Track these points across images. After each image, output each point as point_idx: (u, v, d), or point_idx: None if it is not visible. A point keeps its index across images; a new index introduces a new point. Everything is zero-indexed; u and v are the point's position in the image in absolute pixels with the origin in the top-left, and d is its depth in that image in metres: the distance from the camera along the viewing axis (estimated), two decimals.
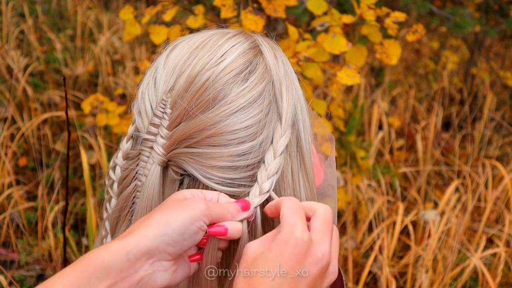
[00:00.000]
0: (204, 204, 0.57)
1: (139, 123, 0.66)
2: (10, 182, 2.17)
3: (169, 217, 0.55)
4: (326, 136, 0.86)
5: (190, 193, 0.60)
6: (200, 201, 0.57)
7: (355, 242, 2.14)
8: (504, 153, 3.11)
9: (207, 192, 0.61)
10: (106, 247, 0.52)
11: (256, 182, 0.63)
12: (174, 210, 0.55)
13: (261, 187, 0.63)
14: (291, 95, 0.66)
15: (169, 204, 0.57)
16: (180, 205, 0.56)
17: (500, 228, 2.27)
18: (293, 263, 0.55)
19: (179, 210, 0.55)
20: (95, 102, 1.73)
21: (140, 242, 0.53)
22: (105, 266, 0.51)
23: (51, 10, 3.98)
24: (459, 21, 2.88)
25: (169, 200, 0.59)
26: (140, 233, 0.53)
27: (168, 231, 0.54)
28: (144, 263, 0.53)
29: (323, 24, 1.37)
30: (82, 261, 0.52)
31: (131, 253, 0.52)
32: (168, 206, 0.56)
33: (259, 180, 0.63)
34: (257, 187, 0.63)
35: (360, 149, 2.21)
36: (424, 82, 3.89)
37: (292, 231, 0.55)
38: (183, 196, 0.59)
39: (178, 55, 0.66)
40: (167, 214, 0.55)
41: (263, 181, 0.63)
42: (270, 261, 0.54)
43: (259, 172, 0.63)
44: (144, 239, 0.53)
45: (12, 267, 1.93)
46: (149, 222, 0.54)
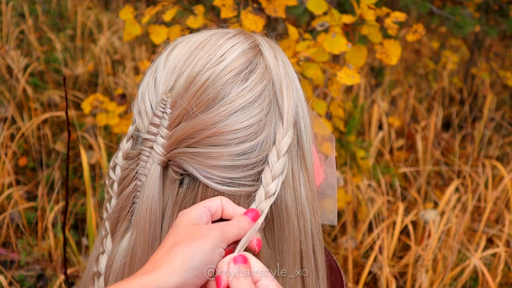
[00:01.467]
0: (219, 231, 0.58)
1: (139, 123, 0.66)
2: (10, 182, 2.17)
3: (192, 249, 0.55)
4: (326, 136, 0.86)
5: (198, 214, 0.60)
6: (214, 229, 0.57)
7: (355, 242, 2.14)
8: (504, 153, 3.11)
9: (210, 204, 0.61)
10: (132, 282, 0.52)
11: (261, 184, 0.63)
12: (194, 240, 0.56)
13: (267, 190, 0.62)
14: (291, 95, 0.66)
15: (187, 233, 0.57)
16: (197, 234, 0.56)
17: (500, 228, 2.27)
18: None
19: (199, 241, 0.56)
20: (95, 102, 1.73)
21: (169, 277, 0.53)
22: None
23: (51, 10, 3.98)
24: (459, 21, 2.88)
25: (182, 225, 0.58)
26: (168, 268, 0.53)
27: (194, 265, 0.54)
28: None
29: (323, 24, 1.37)
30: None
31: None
32: (187, 237, 0.56)
33: (264, 182, 0.63)
34: (263, 190, 0.63)
35: (360, 149, 2.21)
36: (424, 82, 3.90)
37: None
38: (194, 220, 0.59)
39: (178, 55, 0.66)
40: (189, 246, 0.55)
41: (268, 183, 0.63)
42: None
43: (263, 174, 0.63)
44: (173, 274, 0.53)
45: (12, 267, 1.93)
46: (174, 256, 0.55)
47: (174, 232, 0.58)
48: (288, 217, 0.65)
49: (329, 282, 0.80)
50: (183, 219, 0.59)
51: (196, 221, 0.59)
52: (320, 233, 0.71)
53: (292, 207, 0.65)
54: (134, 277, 0.53)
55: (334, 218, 0.85)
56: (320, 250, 0.71)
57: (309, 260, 0.69)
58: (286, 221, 0.65)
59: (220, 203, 0.62)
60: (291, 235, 0.66)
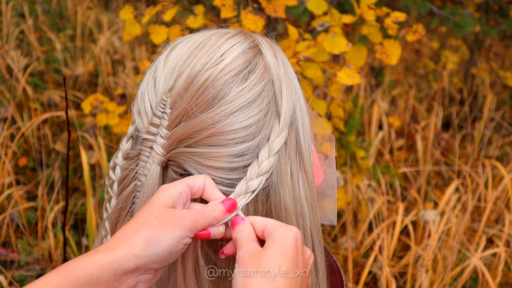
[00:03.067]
0: (191, 221, 0.57)
1: (139, 123, 0.66)
2: (10, 182, 2.17)
3: (158, 236, 0.55)
4: (326, 136, 0.86)
5: (178, 193, 0.60)
6: (187, 218, 0.57)
7: (355, 242, 2.14)
8: (504, 153, 3.11)
9: (193, 183, 0.61)
10: (92, 259, 0.53)
11: (245, 177, 0.63)
12: (163, 227, 0.56)
13: (248, 184, 0.62)
14: (290, 95, 0.66)
15: (158, 217, 0.57)
16: (168, 221, 0.56)
17: (500, 228, 2.27)
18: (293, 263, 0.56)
19: (168, 229, 0.56)
20: (95, 102, 1.73)
21: (129, 260, 0.53)
22: (92, 280, 0.52)
23: (51, 10, 3.98)
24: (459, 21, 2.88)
25: (156, 205, 0.58)
26: (129, 250, 0.54)
27: (157, 252, 0.55)
28: (129, 277, 0.54)
29: (323, 24, 1.37)
30: (68, 271, 0.52)
31: (119, 269, 0.53)
32: (157, 221, 0.56)
33: (248, 176, 0.63)
34: (244, 183, 0.63)
35: (360, 149, 2.21)
36: (424, 82, 3.89)
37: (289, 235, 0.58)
38: (171, 200, 0.59)
39: (177, 55, 0.66)
40: (156, 232, 0.55)
41: (252, 177, 0.63)
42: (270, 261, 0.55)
43: (250, 167, 0.63)
44: (133, 257, 0.54)
45: (12, 267, 1.93)
46: (138, 238, 0.55)
47: (146, 210, 0.58)
48: (287, 217, 0.65)
49: (329, 282, 0.80)
50: (160, 198, 0.59)
51: (173, 201, 0.59)
52: (319, 233, 0.71)
53: (291, 207, 0.65)
54: (96, 253, 0.54)
55: (334, 218, 0.85)
56: (319, 250, 0.71)
57: None
58: (285, 221, 0.65)
59: (203, 183, 0.61)
60: None
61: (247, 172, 0.63)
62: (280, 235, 0.58)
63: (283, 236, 0.58)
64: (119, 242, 0.55)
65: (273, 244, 0.57)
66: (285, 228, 0.59)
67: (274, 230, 0.59)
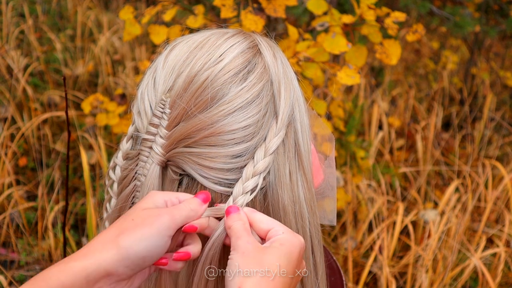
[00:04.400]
0: (169, 216, 0.56)
1: (138, 123, 0.67)
2: (10, 182, 2.17)
3: (131, 240, 0.54)
4: (326, 136, 0.86)
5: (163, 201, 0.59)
6: (163, 215, 0.56)
7: (355, 242, 2.14)
8: (504, 153, 3.11)
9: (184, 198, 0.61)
10: (64, 266, 0.52)
11: (241, 178, 0.63)
12: (139, 229, 0.54)
13: (245, 185, 0.62)
14: (288, 95, 0.66)
15: (134, 219, 0.56)
16: (144, 222, 0.55)
17: (500, 228, 2.27)
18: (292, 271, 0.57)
19: (144, 229, 0.54)
20: (95, 102, 1.73)
21: (100, 265, 0.52)
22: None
23: (51, 10, 3.98)
24: (459, 21, 2.88)
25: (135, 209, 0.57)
26: (101, 255, 0.53)
27: (130, 256, 0.53)
28: (102, 284, 0.53)
29: (323, 24, 1.37)
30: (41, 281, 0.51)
31: (90, 276, 0.52)
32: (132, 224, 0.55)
33: (244, 176, 0.63)
34: (241, 184, 0.63)
35: (360, 149, 2.21)
36: (424, 82, 3.89)
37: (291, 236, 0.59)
38: (152, 204, 0.58)
39: (177, 55, 0.66)
40: (130, 236, 0.54)
41: (248, 177, 0.62)
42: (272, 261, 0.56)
43: (245, 168, 0.63)
44: (104, 263, 0.52)
45: (12, 267, 1.93)
46: (110, 244, 0.53)
47: (124, 217, 0.57)
48: (285, 217, 0.65)
49: (328, 282, 0.80)
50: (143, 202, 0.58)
51: (154, 205, 0.58)
52: (318, 233, 0.71)
53: (289, 207, 0.65)
54: (69, 260, 0.53)
55: (333, 218, 0.85)
56: (319, 250, 0.71)
57: (308, 260, 0.69)
58: (283, 221, 0.65)
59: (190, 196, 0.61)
60: None
61: (243, 173, 0.63)
62: (289, 240, 0.58)
63: (292, 243, 0.58)
64: (92, 249, 0.54)
65: (281, 247, 0.57)
66: (294, 235, 0.59)
67: (284, 234, 0.59)
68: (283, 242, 0.58)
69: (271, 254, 0.56)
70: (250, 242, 0.57)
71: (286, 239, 0.58)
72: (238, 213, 0.61)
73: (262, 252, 0.57)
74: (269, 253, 0.57)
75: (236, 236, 0.58)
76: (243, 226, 0.59)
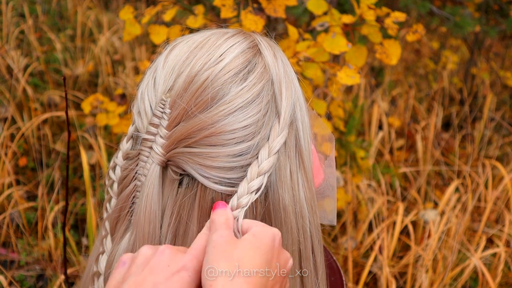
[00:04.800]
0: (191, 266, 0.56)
1: (138, 123, 0.67)
2: (10, 182, 2.17)
3: None
4: (326, 136, 0.86)
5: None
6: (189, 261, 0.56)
7: (355, 242, 2.14)
8: (504, 153, 3.11)
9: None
10: None
11: (246, 178, 0.63)
12: None
13: (249, 185, 0.62)
14: (290, 94, 0.66)
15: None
16: None
17: (500, 228, 2.27)
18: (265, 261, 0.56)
19: None
20: (95, 102, 1.73)
21: None
22: None
23: (51, 10, 3.98)
24: (459, 21, 2.88)
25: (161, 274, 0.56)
26: None
27: None
28: None
29: (323, 24, 1.37)
30: None
31: None
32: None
33: (249, 176, 0.63)
34: (246, 184, 0.62)
35: (360, 149, 2.21)
36: (424, 82, 3.89)
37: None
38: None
39: (177, 55, 0.66)
40: None
41: (253, 177, 0.62)
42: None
43: (250, 168, 0.63)
44: None
45: (12, 267, 1.93)
46: None
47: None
48: (286, 216, 0.65)
49: (328, 282, 0.80)
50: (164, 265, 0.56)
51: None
52: (319, 233, 0.71)
53: (290, 206, 0.65)
54: None
55: (333, 218, 0.85)
56: (319, 250, 0.71)
57: (308, 260, 0.69)
58: (284, 221, 0.65)
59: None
60: (290, 235, 0.67)
61: (247, 173, 0.63)
62: (258, 231, 0.58)
63: (261, 232, 0.58)
64: None
65: (253, 238, 0.57)
66: (266, 227, 0.59)
67: (256, 226, 0.59)
68: (255, 233, 0.58)
69: (242, 247, 0.56)
70: (223, 236, 0.56)
71: (258, 231, 0.58)
72: (224, 209, 0.61)
73: (234, 245, 0.56)
74: (241, 246, 0.56)
75: (213, 230, 0.58)
76: (225, 220, 0.59)
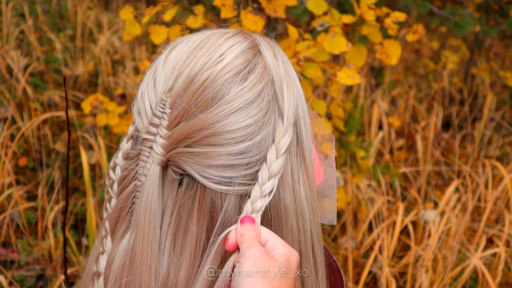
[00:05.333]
0: None
1: (138, 123, 0.67)
2: (10, 182, 2.17)
3: None
4: (326, 136, 0.86)
5: None
6: None
7: (355, 242, 2.14)
8: (504, 153, 3.11)
9: None
10: None
11: (257, 182, 0.63)
12: None
13: (262, 188, 0.62)
14: (292, 93, 0.66)
15: None
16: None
17: (500, 228, 2.27)
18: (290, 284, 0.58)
19: None
20: (95, 102, 1.73)
21: None
22: None
23: (51, 10, 3.98)
24: (459, 21, 2.88)
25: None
26: None
27: None
28: None
29: (323, 24, 1.37)
30: None
31: None
32: None
33: (260, 180, 0.63)
34: (258, 188, 0.63)
35: (360, 149, 2.21)
36: (424, 82, 3.89)
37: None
38: None
39: (177, 55, 0.66)
40: None
41: (265, 181, 0.63)
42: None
43: (260, 172, 0.63)
44: None
45: (12, 267, 1.93)
46: None
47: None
48: (287, 216, 0.65)
49: (328, 281, 0.80)
50: None
51: None
52: (319, 232, 0.71)
53: (291, 206, 0.65)
54: None
55: (333, 218, 0.85)
56: (319, 249, 0.71)
57: (308, 260, 0.69)
58: (284, 220, 0.65)
59: None
60: (290, 235, 0.67)
61: (258, 177, 0.63)
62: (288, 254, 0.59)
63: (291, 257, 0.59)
64: None
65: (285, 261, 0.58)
66: (292, 250, 0.60)
67: (283, 247, 0.60)
68: (286, 257, 0.59)
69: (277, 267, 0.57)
70: (262, 252, 0.58)
71: (287, 254, 0.59)
72: (253, 224, 0.61)
73: (272, 264, 0.57)
74: (275, 266, 0.57)
75: (248, 244, 0.58)
76: (255, 236, 0.60)
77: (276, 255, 0.59)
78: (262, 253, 0.57)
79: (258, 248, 0.58)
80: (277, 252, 0.59)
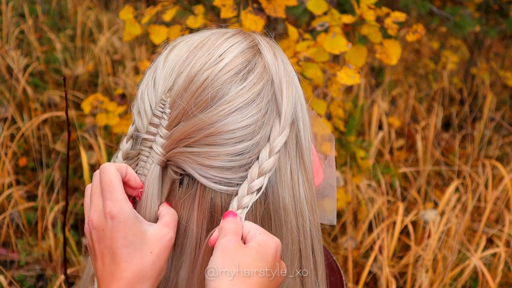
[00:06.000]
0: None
1: (138, 123, 0.67)
2: (10, 182, 2.17)
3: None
4: (326, 136, 0.86)
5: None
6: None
7: (355, 242, 2.14)
8: (504, 153, 3.11)
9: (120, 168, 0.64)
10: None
11: (246, 179, 0.63)
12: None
13: (250, 185, 0.62)
14: (291, 93, 0.66)
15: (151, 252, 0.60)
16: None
17: (500, 228, 2.27)
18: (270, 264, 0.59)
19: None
20: (95, 102, 1.73)
21: None
22: None
23: (51, 10, 3.98)
24: (459, 21, 2.88)
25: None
26: None
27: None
28: None
29: (323, 24, 1.37)
30: None
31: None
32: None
33: (249, 177, 0.63)
34: (246, 185, 0.63)
35: (360, 149, 2.21)
36: (424, 82, 3.89)
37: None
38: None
39: (177, 55, 0.66)
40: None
41: (253, 178, 0.63)
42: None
43: (250, 169, 0.63)
44: None
45: (12, 267, 1.93)
46: None
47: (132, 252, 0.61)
48: (286, 216, 0.65)
49: (328, 281, 0.80)
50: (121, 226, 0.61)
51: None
52: (319, 232, 0.71)
53: (290, 206, 0.65)
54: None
55: (333, 218, 0.85)
56: (319, 249, 0.71)
57: (308, 260, 0.69)
58: (284, 220, 0.65)
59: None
60: (290, 234, 0.67)
61: (248, 173, 0.63)
62: (263, 240, 0.60)
63: (268, 243, 0.60)
64: None
65: (259, 248, 0.59)
66: (271, 237, 0.61)
67: (261, 234, 0.60)
68: (260, 243, 0.59)
69: (249, 255, 0.58)
70: (232, 241, 0.58)
71: (263, 240, 0.60)
72: (234, 218, 0.61)
73: (242, 251, 0.58)
74: (247, 254, 0.58)
75: (222, 235, 0.59)
76: (234, 228, 0.60)
77: (251, 242, 0.60)
78: (232, 242, 0.58)
79: (228, 238, 0.58)
80: (254, 240, 0.60)
